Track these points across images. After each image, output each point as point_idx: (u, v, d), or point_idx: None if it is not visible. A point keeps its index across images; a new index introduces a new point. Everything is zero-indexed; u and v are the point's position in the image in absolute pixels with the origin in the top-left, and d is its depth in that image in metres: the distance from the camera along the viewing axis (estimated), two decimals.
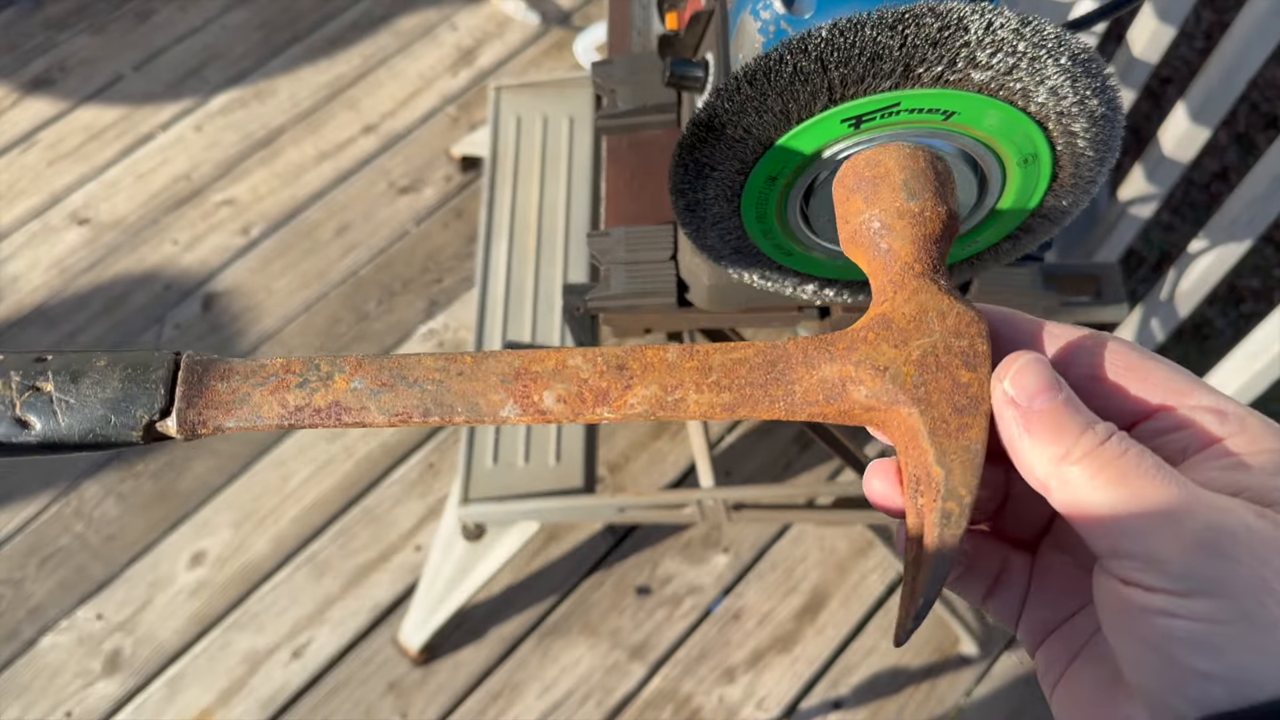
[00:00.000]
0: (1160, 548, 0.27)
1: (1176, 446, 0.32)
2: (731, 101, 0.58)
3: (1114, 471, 0.29)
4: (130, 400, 0.30)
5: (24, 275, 1.74)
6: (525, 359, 0.33)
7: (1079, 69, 0.56)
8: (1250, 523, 0.27)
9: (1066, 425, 0.31)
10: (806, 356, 0.34)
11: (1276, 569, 0.26)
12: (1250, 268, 1.68)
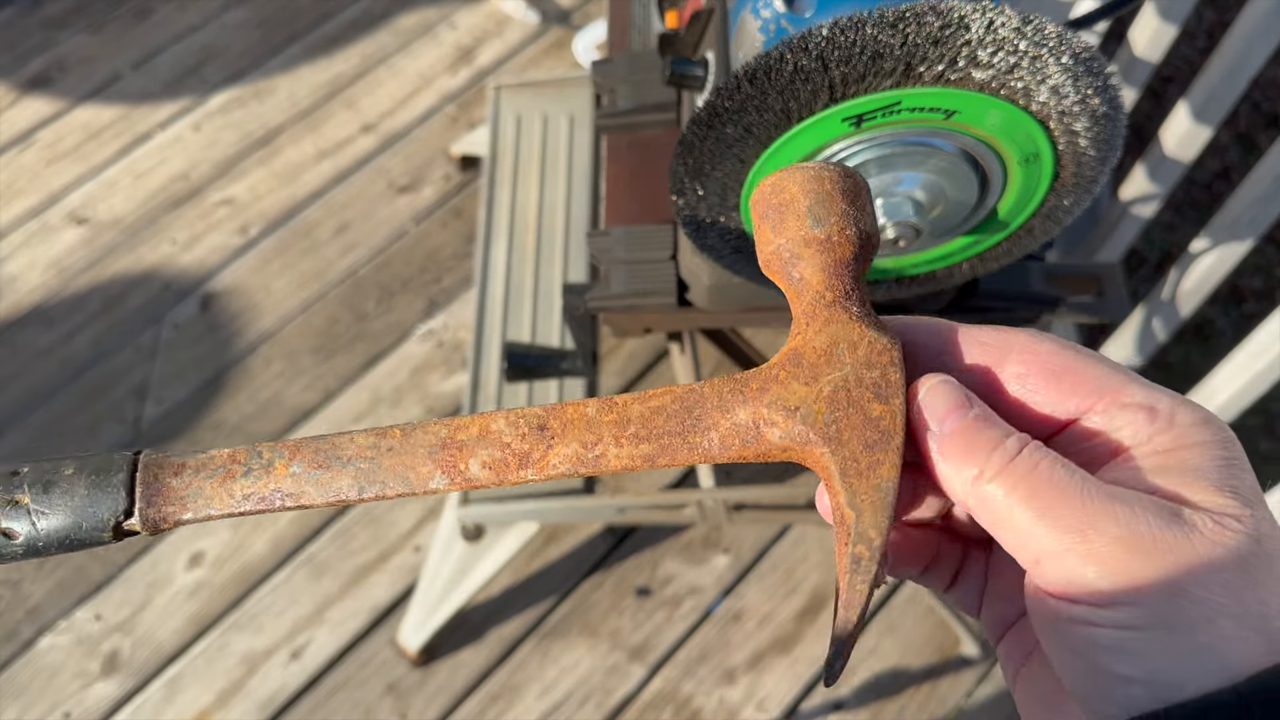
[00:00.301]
0: (1075, 561, 0.28)
1: (1105, 449, 0.31)
2: (732, 100, 0.58)
3: (1027, 487, 0.29)
4: (96, 505, 0.33)
5: (22, 275, 1.73)
6: (450, 428, 0.35)
7: (1081, 68, 0.55)
8: (1162, 526, 0.27)
9: (978, 443, 0.31)
10: (721, 400, 0.35)
11: (1188, 571, 0.27)
12: (1252, 267, 1.67)
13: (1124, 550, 0.27)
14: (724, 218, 0.67)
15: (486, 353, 1.38)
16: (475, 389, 1.36)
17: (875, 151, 0.60)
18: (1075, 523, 0.28)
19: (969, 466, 0.30)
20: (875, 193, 0.61)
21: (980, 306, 0.83)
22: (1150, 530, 0.27)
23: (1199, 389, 1.14)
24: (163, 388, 1.62)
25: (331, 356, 1.64)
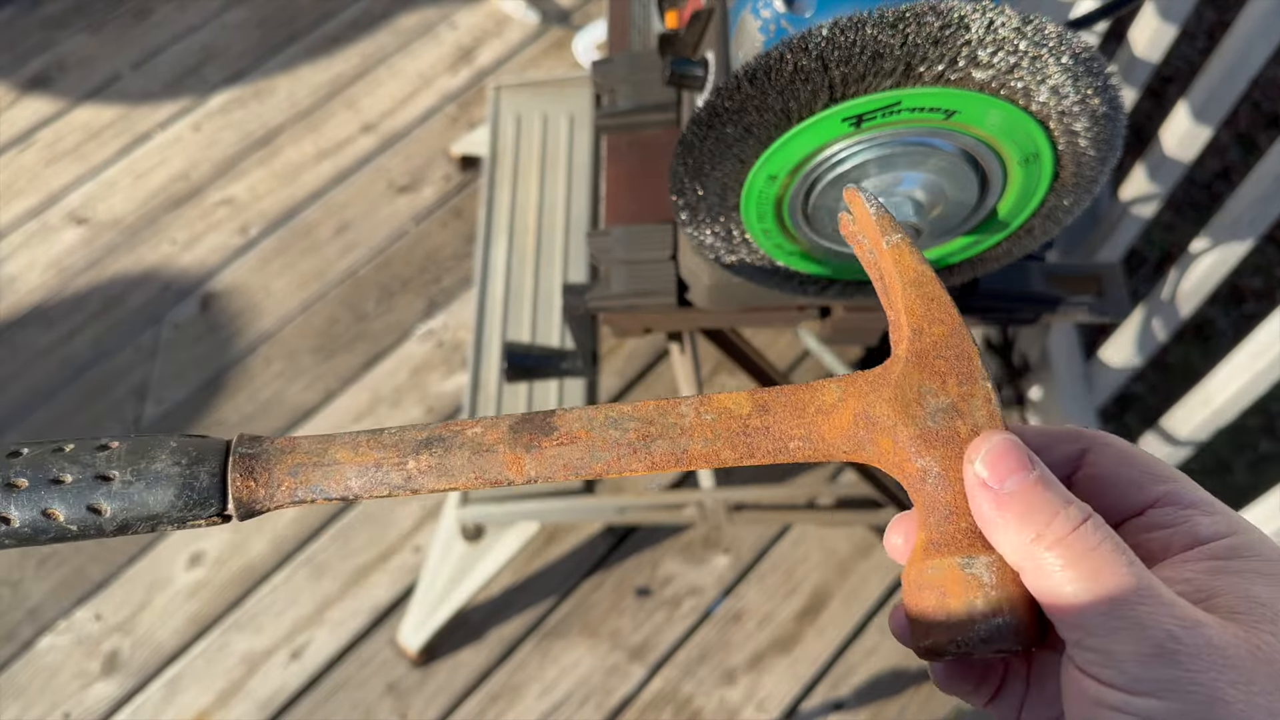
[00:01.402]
0: (1120, 647, 0.28)
1: (1160, 543, 0.32)
2: (732, 100, 0.58)
3: (1086, 565, 0.29)
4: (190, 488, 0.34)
5: (22, 275, 1.73)
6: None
7: (1081, 68, 0.55)
8: (1212, 635, 0.28)
9: (1040, 507, 0.31)
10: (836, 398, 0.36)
11: (1232, 680, 0.27)
12: (1252, 267, 1.67)
13: (1170, 650, 0.27)
14: (724, 218, 0.67)
15: (486, 353, 1.38)
16: (475, 389, 1.36)
17: (875, 151, 0.60)
18: (1127, 611, 0.28)
19: (1028, 529, 0.31)
20: (875, 193, 0.61)
21: (980, 307, 0.83)
22: (1199, 638, 0.28)
23: (1199, 389, 1.14)
24: (163, 388, 1.61)
25: (331, 356, 1.64)
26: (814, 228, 0.66)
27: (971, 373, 0.35)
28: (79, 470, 0.33)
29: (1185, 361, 1.60)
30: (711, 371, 1.58)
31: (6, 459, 0.34)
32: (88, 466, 0.33)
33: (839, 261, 0.70)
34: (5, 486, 0.33)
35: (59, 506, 0.33)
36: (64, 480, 0.33)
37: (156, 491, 0.33)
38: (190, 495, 0.33)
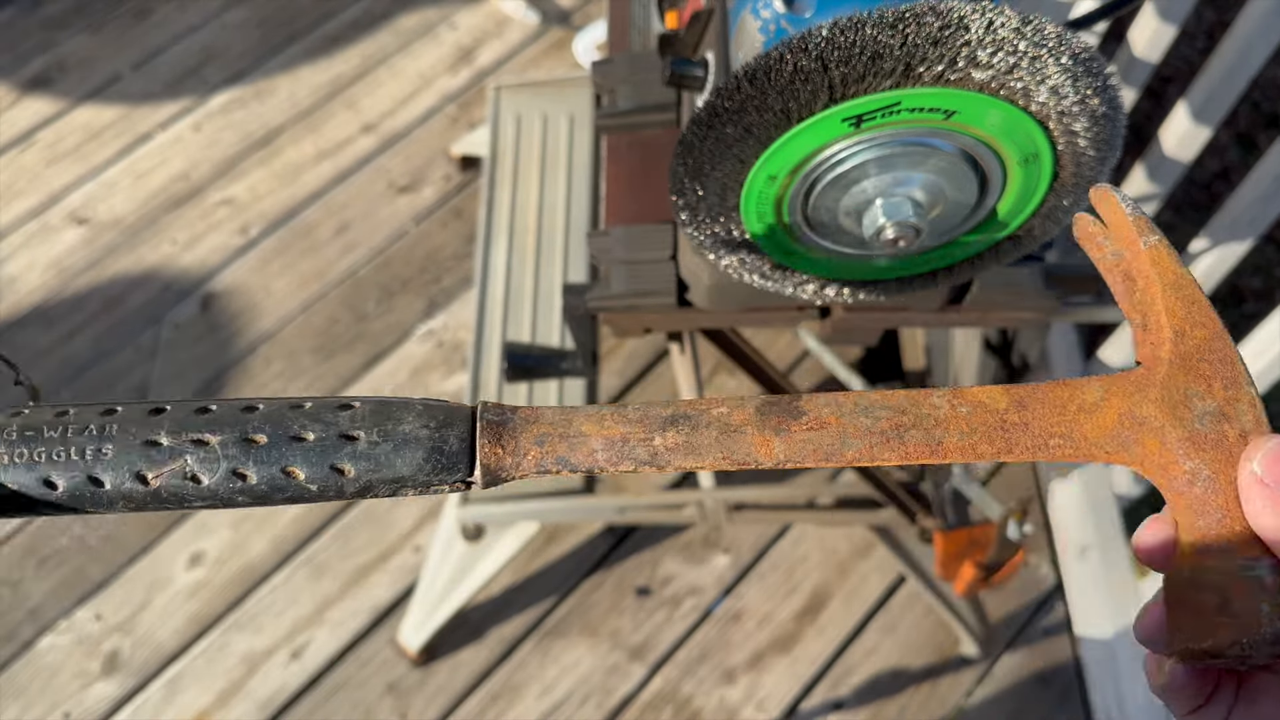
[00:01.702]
0: None
1: None
2: (732, 100, 0.58)
3: None
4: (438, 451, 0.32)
5: (22, 276, 1.73)
6: None
7: (1080, 68, 0.55)
8: None
9: None
10: None
11: None
12: (1252, 267, 1.67)
13: None
14: (724, 218, 0.67)
15: (486, 353, 1.38)
16: (475, 389, 1.36)
17: (875, 152, 0.60)
18: None
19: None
20: (875, 192, 0.62)
21: (979, 307, 0.83)
22: None
23: None
24: (163, 388, 1.62)
25: (331, 356, 1.65)
26: (814, 228, 0.66)
27: (1236, 377, 0.35)
28: (322, 429, 0.32)
29: None
30: (711, 371, 1.58)
31: (242, 413, 0.33)
32: (330, 425, 0.32)
33: (839, 261, 0.70)
34: (243, 441, 0.32)
35: (300, 465, 0.32)
36: (306, 438, 0.32)
37: (405, 454, 0.32)
38: (439, 459, 0.32)
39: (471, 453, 0.33)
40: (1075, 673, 1.38)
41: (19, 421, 0.32)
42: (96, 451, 0.31)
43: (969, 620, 1.37)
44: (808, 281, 0.73)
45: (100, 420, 0.32)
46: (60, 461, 0.31)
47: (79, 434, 0.31)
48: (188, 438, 0.32)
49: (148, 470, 0.31)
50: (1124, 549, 1.39)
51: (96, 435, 0.31)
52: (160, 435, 0.32)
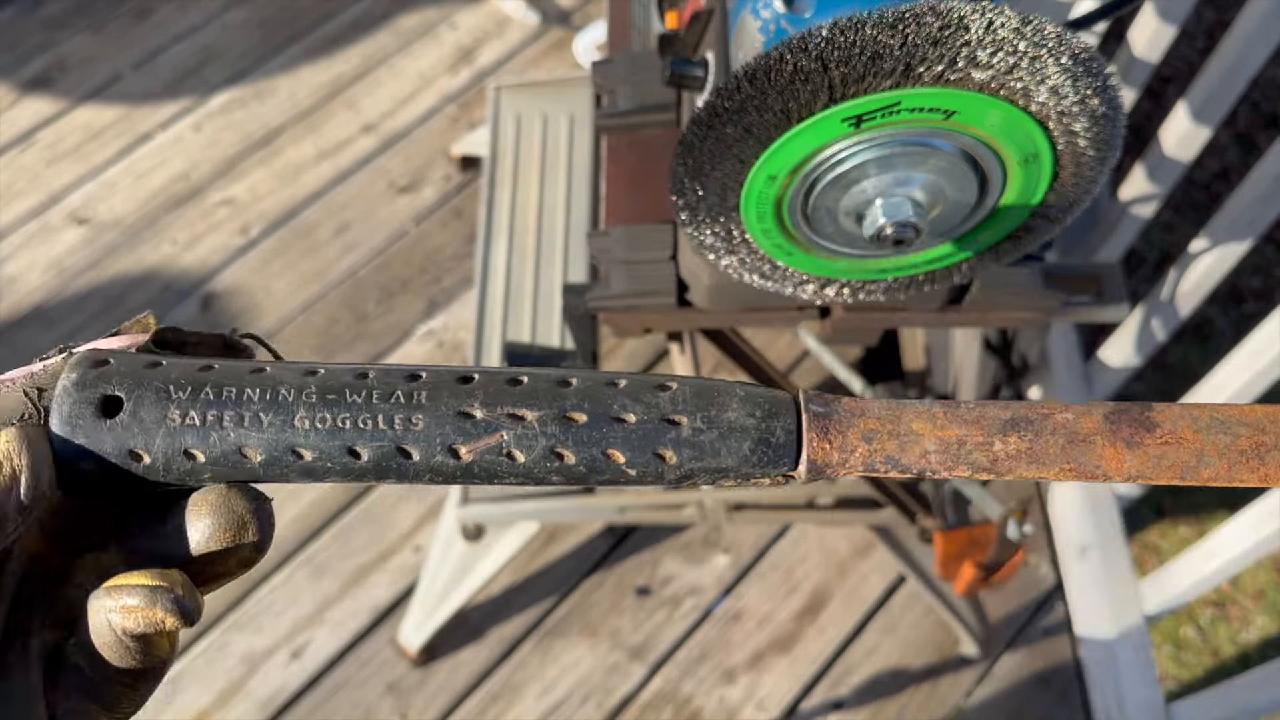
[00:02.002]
0: None
1: None
2: (732, 100, 0.58)
3: None
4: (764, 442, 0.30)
5: (22, 276, 1.73)
6: None
7: (1080, 68, 0.56)
8: None
9: None
10: None
11: None
12: (1251, 267, 1.67)
13: None
14: (724, 218, 0.67)
15: (486, 353, 1.38)
16: None
17: (875, 152, 0.60)
18: None
19: None
20: (875, 192, 0.62)
21: (979, 307, 0.84)
22: None
23: (1199, 389, 1.14)
24: None
25: (332, 357, 1.65)
26: (814, 228, 0.66)
27: None
28: (643, 410, 0.30)
29: (1184, 361, 1.61)
30: (711, 371, 1.58)
31: (558, 387, 0.30)
32: (652, 407, 0.30)
33: (839, 261, 0.70)
34: (562, 420, 0.29)
35: (621, 448, 0.30)
36: (626, 419, 0.30)
37: (730, 443, 0.30)
38: (764, 452, 0.30)
39: (798, 446, 0.31)
40: (1075, 673, 1.38)
41: (317, 383, 0.29)
42: (406, 422, 0.29)
43: (969, 620, 1.37)
44: (808, 281, 0.73)
45: (407, 386, 0.29)
46: (366, 430, 0.29)
47: (385, 400, 0.29)
48: (503, 412, 0.29)
49: (461, 445, 0.29)
50: (1124, 549, 1.39)
51: (404, 403, 0.29)
52: (474, 408, 0.29)
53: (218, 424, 0.28)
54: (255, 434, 0.28)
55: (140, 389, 0.28)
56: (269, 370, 0.29)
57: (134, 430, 0.28)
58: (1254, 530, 1.05)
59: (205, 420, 0.28)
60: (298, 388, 0.29)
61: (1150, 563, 1.46)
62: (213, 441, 0.28)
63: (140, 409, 0.28)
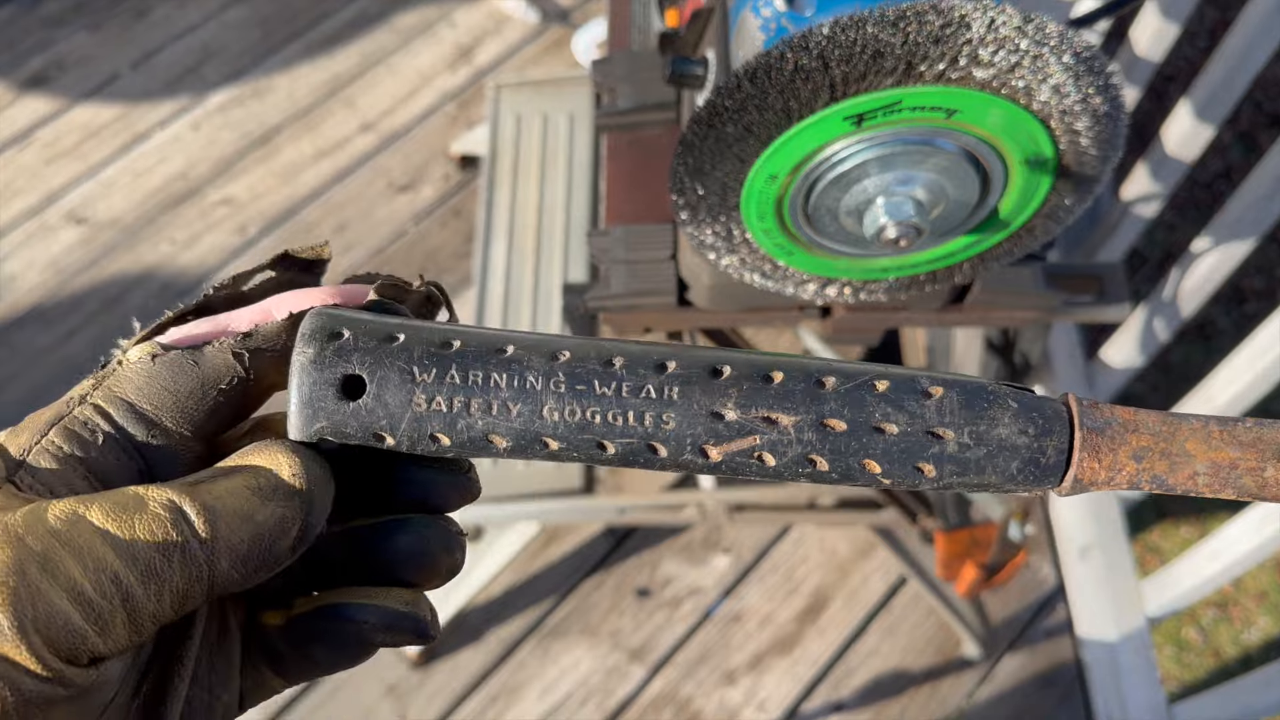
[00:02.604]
0: None
1: None
2: (732, 99, 0.58)
3: None
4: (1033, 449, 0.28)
5: (20, 275, 1.73)
6: None
7: (1082, 67, 0.55)
8: None
9: None
10: None
11: None
12: (1254, 267, 1.67)
13: None
14: (724, 217, 0.66)
15: None
16: None
17: (876, 151, 0.59)
18: None
19: None
20: (876, 192, 0.61)
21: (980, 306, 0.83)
22: None
23: (1201, 389, 1.14)
24: None
25: None
26: (815, 227, 0.65)
27: None
28: (907, 421, 0.28)
29: (1187, 361, 1.60)
30: None
31: (815, 387, 0.28)
32: (916, 418, 0.28)
33: (840, 261, 0.69)
34: (819, 426, 0.28)
35: (879, 459, 0.28)
36: (887, 430, 0.28)
37: (998, 461, 0.28)
38: (1033, 471, 0.28)
39: (1067, 464, 0.29)
40: (1077, 674, 1.38)
41: (564, 370, 0.28)
42: (657, 420, 0.28)
43: (970, 621, 1.37)
44: (808, 281, 0.72)
45: (658, 380, 0.28)
46: (616, 426, 0.28)
47: (635, 394, 0.28)
48: (758, 414, 0.28)
49: (712, 446, 0.28)
50: (1126, 550, 1.39)
51: (655, 399, 0.28)
52: (728, 408, 0.28)
53: (465, 411, 0.28)
54: (504, 422, 0.28)
55: (383, 369, 0.27)
56: (512, 352, 0.28)
57: (379, 414, 0.27)
58: (1256, 531, 1.04)
59: (453, 406, 0.28)
60: (545, 374, 0.28)
61: (1152, 564, 1.45)
62: (460, 428, 0.28)
63: (385, 392, 0.27)
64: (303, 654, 0.28)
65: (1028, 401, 0.29)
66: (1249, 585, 1.45)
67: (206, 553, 0.23)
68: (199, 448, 0.27)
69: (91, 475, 0.25)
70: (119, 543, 0.22)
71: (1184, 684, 1.40)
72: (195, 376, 0.26)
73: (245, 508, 0.24)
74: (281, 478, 0.25)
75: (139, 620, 0.22)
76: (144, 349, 0.27)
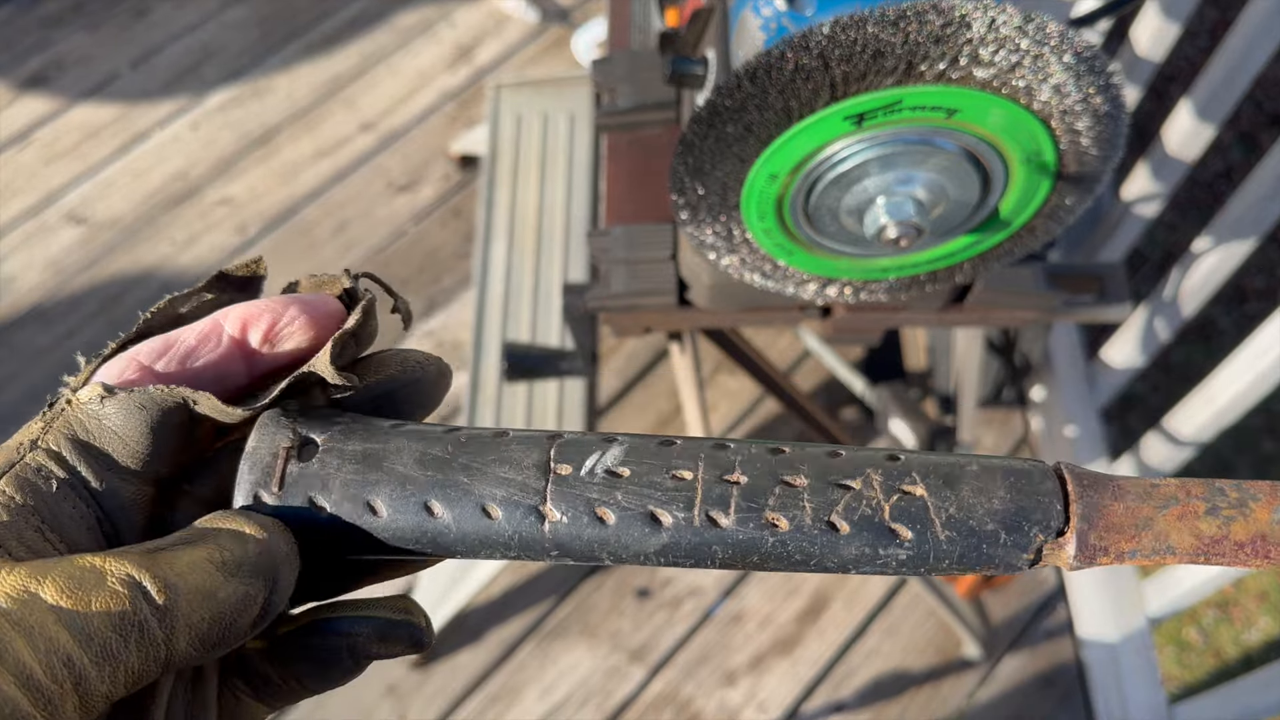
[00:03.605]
0: None
1: None
2: (733, 98, 0.58)
3: None
4: (1024, 516, 0.25)
5: (20, 275, 1.73)
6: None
7: (1083, 66, 0.55)
8: None
9: None
10: None
11: None
12: (1255, 266, 1.67)
13: None
14: (724, 217, 0.66)
15: (486, 353, 1.37)
16: (475, 389, 1.36)
17: (877, 150, 0.59)
18: None
19: None
20: (876, 191, 0.61)
21: (981, 306, 0.83)
22: None
23: (1201, 389, 1.14)
24: None
25: None
26: (815, 227, 0.65)
27: None
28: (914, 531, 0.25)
29: (1188, 361, 1.60)
30: (712, 371, 1.58)
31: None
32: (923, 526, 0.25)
33: (841, 261, 0.69)
34: None
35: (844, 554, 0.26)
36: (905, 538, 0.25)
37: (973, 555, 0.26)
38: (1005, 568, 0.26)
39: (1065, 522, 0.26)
40: (1078, 675, 1.37)
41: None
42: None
43: (971, 622, 1.36)
44: (809, 281, 0.72)
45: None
46: None
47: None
48: None
49: None
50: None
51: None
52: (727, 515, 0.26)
53: None
54: None
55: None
56: None
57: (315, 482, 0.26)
58: None
59: None
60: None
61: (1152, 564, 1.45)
62: None
63: None
64: (289, 674, 0.27)
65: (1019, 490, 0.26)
66: (1250, 585, 1.45)
67: (166, 631, 0.22)
68: (151, 490, 0.26)
69: (45, 526, 0.24)
70: (74, 622, 0.21)
71: (1185, 684, 1.40)
72: (144, 419, 0.25)
73: (208, 584, 0.23)
74: (247, 552, 0.24)
75: (91, 702, 0.21)
76: (94, 389, 0.26)
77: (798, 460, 0.26)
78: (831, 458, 0.26)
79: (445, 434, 0.26)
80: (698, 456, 0.26)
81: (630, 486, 0.25)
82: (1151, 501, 0.26)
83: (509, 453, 0.26)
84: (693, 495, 0.25)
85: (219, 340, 0.27)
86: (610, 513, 0.25)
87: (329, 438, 0.26)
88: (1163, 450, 1.24)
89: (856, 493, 0.25)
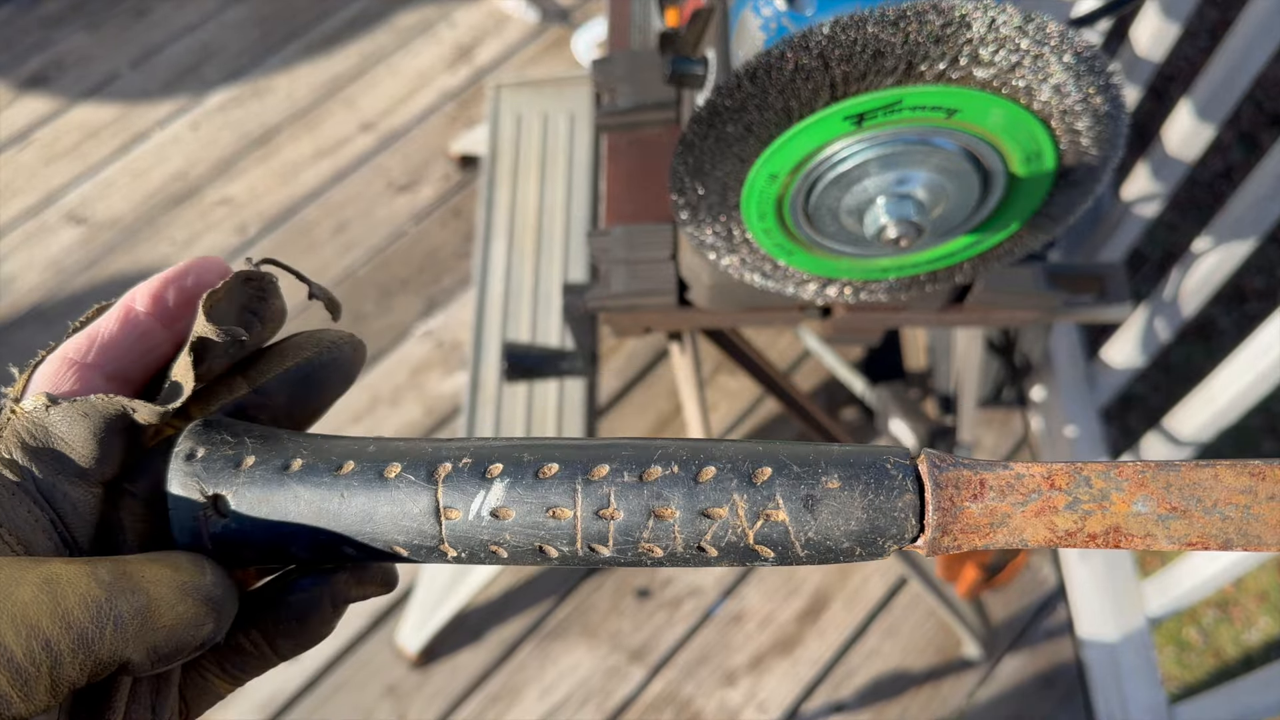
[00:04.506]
0: None
1: None
2: (732, 98, 0.58)
3: None
4: (878, 534, 0.27)
5: (20, 275, 1.73)
6: None
7: (1083, 66, 0.55)
8: None
9: None
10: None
11: None
12: (1255, 266, 1.67)
13: None
14: (724, 217, 0.66)
15: (486, 353, 1.37)
16: (474, 389, 1.35)
17: (877, 150, 0.59)
18: None
19: None
20: (876, 191, 0.61)
21: (981, 306, 0.83)
22: None
23: (1202, 389, 1.14)
24: None
25: None
26: (815, 227, 0.65)
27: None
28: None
29: (1188, 361, 1.60)
30: (712, 371, 1.58)
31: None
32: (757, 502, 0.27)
33: (841, 261, 0.69)
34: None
35: None
36: None
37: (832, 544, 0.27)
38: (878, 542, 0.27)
39: (920, 529, 0.27)
40: (1078, 675, 1.37)
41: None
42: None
43: (971, 622, 1.36)
44: (809, 281, 0.72)
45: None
46: None
47: None
48: None
49: None
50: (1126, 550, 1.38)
51: None
52: None
53: None
54: None
55: None
56: None
57: None
58: None
59: None
60: None
61: (1153, 564, 1.45)
62: None
63: None
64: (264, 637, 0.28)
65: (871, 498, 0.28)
66: (1250, 585, 1.45)
67: (136, 627, 0.23)
68: (100, 490, 0.27)
69: (2, 529, 0.25)
70: (55, 608, 0.22)
71: (1185, 684, 1.40)
72: (88, 426, 0.27)
73: (170, 596, 0.24)
74: (202, 579, 0.25)
75: (60, 688, 0.22)
76: (38, 399, 0.27)
77: (667, 489, 0.27)
78: (698, 482, 0.27)
79: (334, 478, 0.28)
80: (574, 491, 0.27)
81: (516, 528, 0.27)
82: (1011, 498, 0.27)
83: (400, 499, 0.28)
84: (573, 533, 0.27)
85: (136, 321, 0.28)
86: (503, 550, 0.27)
87: (235, 493, 0.28)
88: (1163, 450, 1.23)
89: (723, 521, 0.27)
